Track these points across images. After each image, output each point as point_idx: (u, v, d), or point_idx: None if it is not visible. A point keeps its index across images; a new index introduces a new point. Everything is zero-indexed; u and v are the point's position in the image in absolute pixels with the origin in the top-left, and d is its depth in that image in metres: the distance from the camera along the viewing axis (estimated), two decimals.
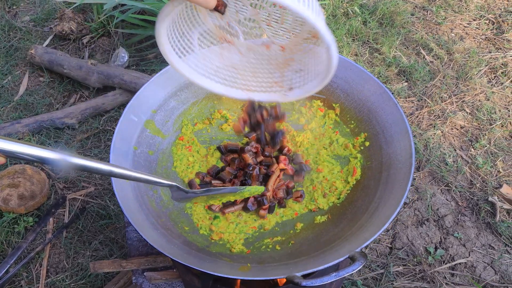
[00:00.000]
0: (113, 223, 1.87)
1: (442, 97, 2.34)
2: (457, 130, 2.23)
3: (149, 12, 2.38)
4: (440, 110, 2.29)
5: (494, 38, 2.64)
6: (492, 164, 2.08)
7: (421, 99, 2.34)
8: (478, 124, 2.24)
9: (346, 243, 1.06)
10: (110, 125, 2.20)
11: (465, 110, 2.29)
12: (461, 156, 2.12)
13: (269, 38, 1.00)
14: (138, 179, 0.87)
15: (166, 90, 1.33)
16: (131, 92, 2.22)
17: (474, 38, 2.65)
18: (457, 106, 2.31)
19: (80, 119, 2.18)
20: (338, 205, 1.25)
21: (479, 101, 2.33)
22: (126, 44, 2.50)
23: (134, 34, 2.49)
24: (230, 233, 1.21)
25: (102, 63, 2.35)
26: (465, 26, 2.72)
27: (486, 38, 2.65)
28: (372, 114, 1.29)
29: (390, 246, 1.84)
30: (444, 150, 2.13)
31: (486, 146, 2.15)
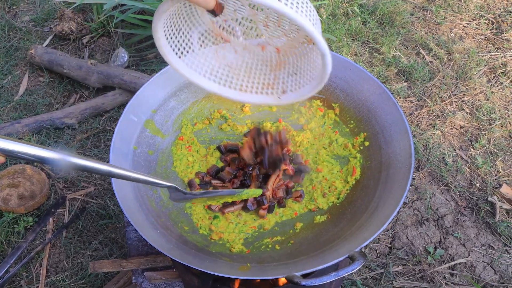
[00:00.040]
0: (113, 223, 1.87)
1: (441, 97, 2.34)
2: (456, 130, 2.23)
3: (149, 12, 2.38)
4: (439, 110, 2.29)
5: (494, 38, 2.64)
6: (491, 164, 2.08)
7: (420, 99, 2.34)
8: (478, 124, 2.24)
9: (345, 243, 1.07)
10: (110, 125, 2.20)
11: (464, 110, 2.29)
12: (460, 156, 2.12)
13: (265, 39, 1.01)
14: (136, 180, 0.87)
15: (166, 90, 1.33)
16: (131, 92, 2.22)
17: (473, 38, 2.65)
18: (456, 106, 2.31)
19: (80, 119, 2.18)
20: (338, 205, 1.25)
21: (479, 101, 2.33)
22: (126, 44, 2.50)
23: (134, 34, 2.49)
24: (229, 232, 1.21)
25: (102, 63, 2.35)
26: (464, 26, 2.72)
27: (486, 38, 2.65)
28: (371, 114, 1.29)
29: (390, 246, 1.84)
30: (443, 150, 2.13)
31: (485, 146, 2.15)
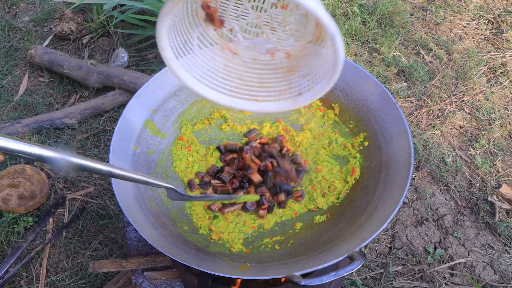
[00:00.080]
0: (112, 223, 1.87)
1: (441, 97, 2.34)
2: (456, 130, 2.23)
3: (148, 12, 2.38)
4: (439, 110, 2.29)
5: (493, 38, 2.64)
6: (491, 164, 2.08)
7: (420, 99, 2.34)
8: (477, 124, 2.24)
9: (345, 243, 1.07)
10: (109, 125, 2.20)
11: (464, 110, 2.29)
12: (460, 156, 2.12)
13: (273, 44, 1.00)
14: (135, 180, 0.87)
15: (166, 90, 1.33)
16: (131, 92, 2.22)
17: (473, 38, 2.65)
18: (456, 106, 2.31)
19: (79, 119, 2.18)
20: (337, 204, 1.25)
21: (478, 101, 2.33)
22: (126, 44, 2.51)
23: (134, 34, 2.49)
24: (229, 232, 1.21)
25: (102, 63, 2.35)
26: (464, 26, 2.72)
27: (485, 38, 2.65)
28: (371, 114, 1.29)
29: (389, 245, 1.84)
30: (443, 150, 2.13)
31: (485, 146, 2.15)
